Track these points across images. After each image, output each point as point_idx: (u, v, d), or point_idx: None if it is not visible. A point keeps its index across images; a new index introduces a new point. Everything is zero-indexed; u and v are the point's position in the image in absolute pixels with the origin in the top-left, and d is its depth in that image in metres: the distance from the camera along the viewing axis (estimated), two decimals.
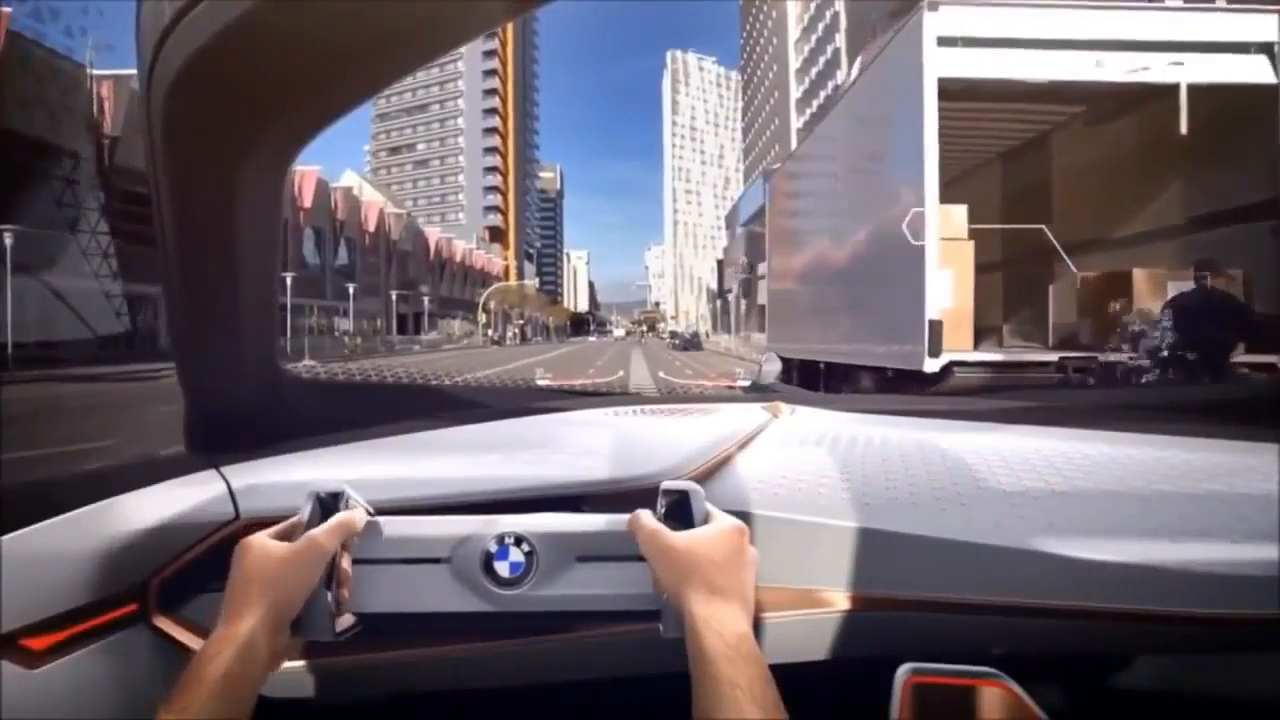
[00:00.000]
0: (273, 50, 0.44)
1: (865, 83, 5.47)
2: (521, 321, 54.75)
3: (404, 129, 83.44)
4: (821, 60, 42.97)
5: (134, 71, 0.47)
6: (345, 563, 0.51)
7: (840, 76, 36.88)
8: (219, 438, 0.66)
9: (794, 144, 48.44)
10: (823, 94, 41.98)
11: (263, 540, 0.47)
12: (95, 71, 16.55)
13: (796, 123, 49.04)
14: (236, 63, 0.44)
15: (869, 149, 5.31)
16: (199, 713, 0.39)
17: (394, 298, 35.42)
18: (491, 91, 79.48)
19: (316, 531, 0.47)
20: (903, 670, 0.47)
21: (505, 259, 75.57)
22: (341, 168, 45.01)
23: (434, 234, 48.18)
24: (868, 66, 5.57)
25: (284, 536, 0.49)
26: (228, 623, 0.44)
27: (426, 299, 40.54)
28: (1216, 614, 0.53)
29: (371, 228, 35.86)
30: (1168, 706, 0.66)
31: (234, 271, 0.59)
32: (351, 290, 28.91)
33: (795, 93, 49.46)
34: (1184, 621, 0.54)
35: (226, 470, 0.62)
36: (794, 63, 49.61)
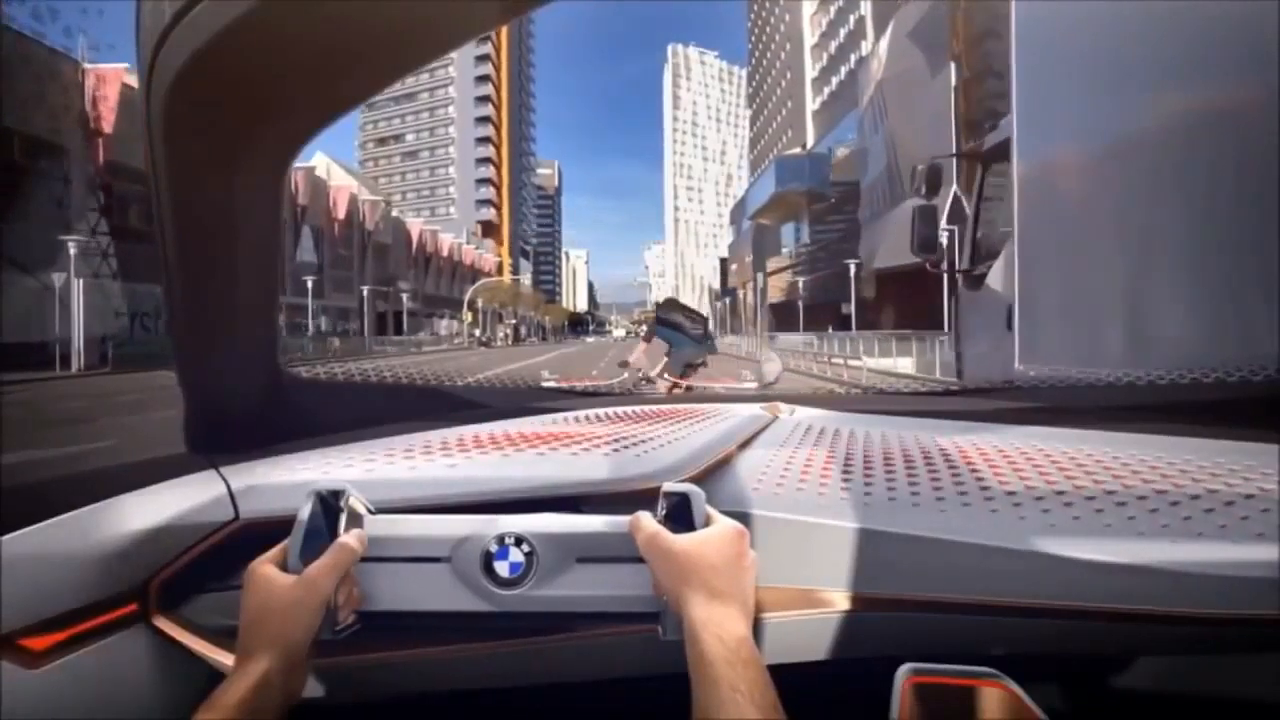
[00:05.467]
0: (272, 50, 0.44)
1: None
2: (514, 321, 50.37)
3: (392, 119, 79.49)
4: (842, 32, 38.81)
5: None
6: None
7: (865, 48, 32.69)
8: (218, 438, 0.66)
9: (809, 129, 44.39)
10: (843, 69, 37.73)
11: (269, 573, 0.48)
12: None
13: (813, 104, 44.81)
14: (236, 63, 0.44)
15: None
16: None
17: (365, 293, 31.01)
18: (484, 78, 75.67)
19: (317, 570, 0.47)
20: (903, 670, 0.46)
21: (499, 255, 71.44)
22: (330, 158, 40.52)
23: (417, 225, 43.83)
24: None
25: (284, 554, 0.49)
26: (243, 661, 0.44)
27: (406, 296, 36.20)
28: (1216, 614, 0.53)
29: (341, 215, 31.67)
30: (1168, 706, 0.66)
31: (234, 271, 0.59)
32: (310, 284, 24.51)
33: (811, 72, 45.18)
34: (1184, 621, 0.53)
35: (226, 470, 0.62)
36: (810, 38, 45.27)
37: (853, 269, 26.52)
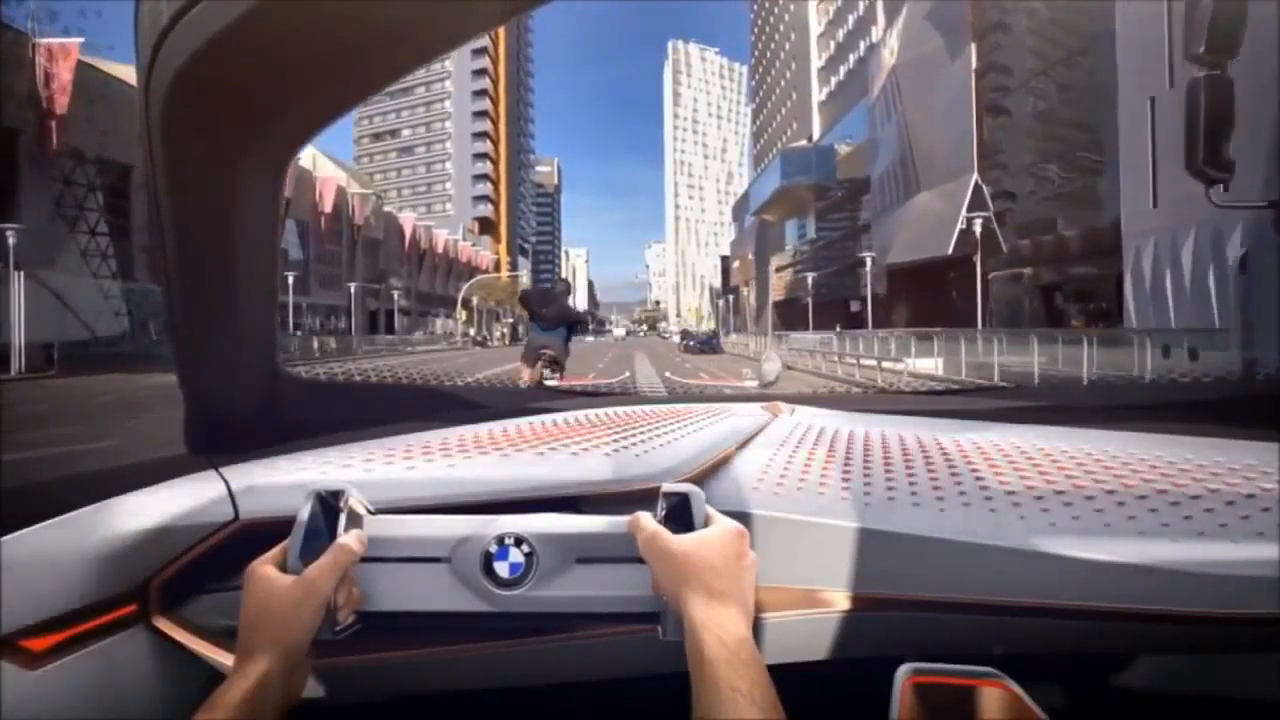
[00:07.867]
0: (271, 51, 0.45)
1: None
2: (511, 320, 50.24)
3: (387, 114, 78.88)
4: (851, 19, 38.37)
5: None
6: None
7: (875, 34, 32.42)
8: (218, 438, 0.66)
9: (815, 121, 43.95)
10: (852, 58, 37.53)
11: (269, 573, 0.48)
12: None
13: (819, 95, 44.60)
14: (234, 64, 0.44)
15: None
16: None
17: (354, 291, 30.66)
18: (481, 73, 74.74)
19: (317, 570, 0.47)
20: (903, 670, 0.46)
21: (496, 252, 71.16)
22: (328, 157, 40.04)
23: (410, 220, 43.19)
24: None
25: (284, 554, 0.49)
26: (243, 661, 0.45)
27: (397, 294, 35.89)
28: (1216, 614, 0.53)
29: (328, 209, 30.77)
30: (1168, 706, 0.65)
31: (233, 271, 0.59)
32: (290, 280, 24.05)
33: (817, 61, 44.86)
34: (1184, 621, 0.53)
35: (225, 471, 0.62)
36: (815, 27, 44.97)
37: (869, 263, 26.02)
